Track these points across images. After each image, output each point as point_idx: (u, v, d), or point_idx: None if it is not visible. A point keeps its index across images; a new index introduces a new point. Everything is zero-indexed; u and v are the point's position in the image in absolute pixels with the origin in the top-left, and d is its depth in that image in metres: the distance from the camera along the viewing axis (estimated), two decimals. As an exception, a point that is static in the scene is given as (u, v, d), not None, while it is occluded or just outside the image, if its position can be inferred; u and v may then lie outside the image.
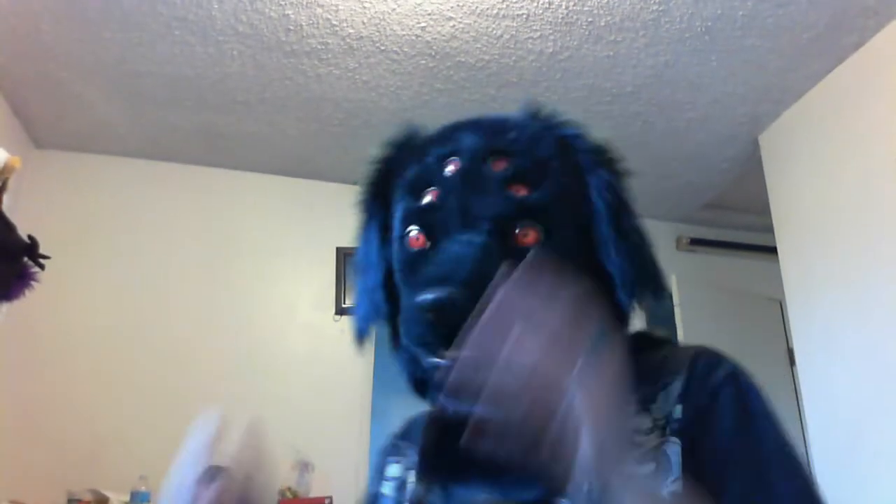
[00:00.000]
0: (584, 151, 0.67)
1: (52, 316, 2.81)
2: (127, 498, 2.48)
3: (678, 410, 0.58)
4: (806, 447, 3.06)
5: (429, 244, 0.64)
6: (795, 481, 0.56)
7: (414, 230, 0.65)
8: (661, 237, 3.69)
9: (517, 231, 0.61)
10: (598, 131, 0.69)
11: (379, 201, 0.73)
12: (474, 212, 0.62)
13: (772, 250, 2.94)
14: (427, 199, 0.66)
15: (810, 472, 0.57)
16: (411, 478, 0.70)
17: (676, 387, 0.59)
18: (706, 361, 0.61)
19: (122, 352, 2.87)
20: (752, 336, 3.41)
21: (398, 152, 0.73)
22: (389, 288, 0.69)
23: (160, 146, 3.14)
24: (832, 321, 2.51)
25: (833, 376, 2.49)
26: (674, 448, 0.56)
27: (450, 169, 0.66)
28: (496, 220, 0.61)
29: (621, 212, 0.65)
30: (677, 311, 3.20)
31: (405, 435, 0.78)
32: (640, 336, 0.69)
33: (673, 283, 3.26)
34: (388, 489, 0.73)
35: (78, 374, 2.80)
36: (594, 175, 0.66)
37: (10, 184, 1.63)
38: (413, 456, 0.71)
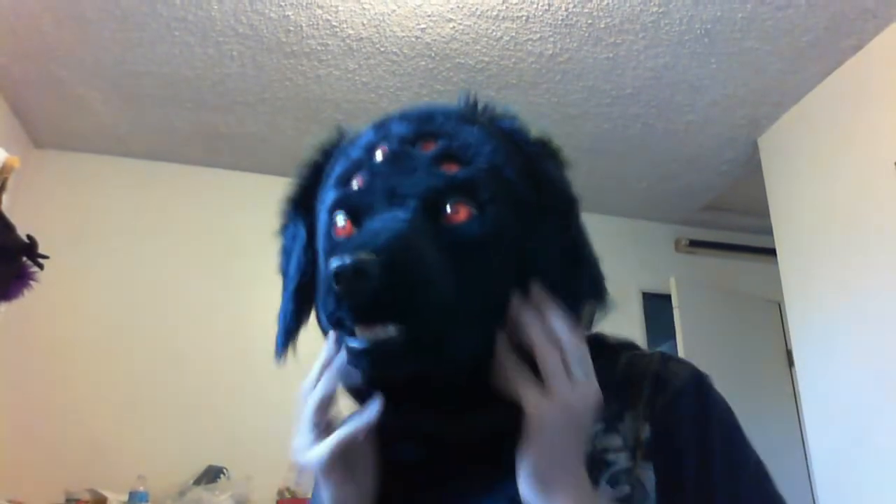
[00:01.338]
0: (527, 143, 0.63)
1: (51, 316, 2.81)
2: (125, 497, 2.48)
3: (647, 430, 0.57)
4: (805, 448, 3.05)
5: (355, 230, 0.60)
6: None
7: (340, 217, 0.61)
8: (661, 239, 3.70)
9: (448, 210, 0.57)
10: (598, 133, 0.68)
11: (301, 208, 0.68)
12: (401, 191, 0.58)
13: (771, 252, 2.94)
14: (354, 185, 0.62)
15: (777, 490, 0.58)
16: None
17: (642, 404, 0.59)
18: (670, 373, 0.60)
19: (120, 352, 2.87)
20: (751, 338, 3.41)
21: (325, 157, 0.70)
22: (306, 298, 0.65)
23: (160, 146, 3.14)
24: (831, 323, 2.52)
25: (832, 378, 2.49)
26: (648, 474, 0.56)
27: (377, 154, 0.63)
28: (424, 196, 0.57)
29: (569, 213, 0.62)
30: (676, 312, 3.20)
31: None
32: (595, 340, 0.63)
33: (672, 285, 3.26)
34: None
35: (76, 373, 2.80)
36: (543, 169, 0.62)
37: (10, 183, 1.63)
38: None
